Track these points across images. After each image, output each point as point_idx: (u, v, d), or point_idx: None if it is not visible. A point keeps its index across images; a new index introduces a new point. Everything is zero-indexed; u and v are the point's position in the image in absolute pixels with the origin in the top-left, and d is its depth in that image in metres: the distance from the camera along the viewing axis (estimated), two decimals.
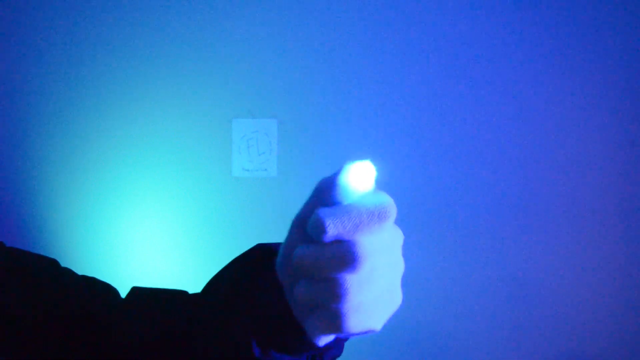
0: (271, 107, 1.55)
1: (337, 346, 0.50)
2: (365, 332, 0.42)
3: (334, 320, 0.40)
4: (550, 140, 1.57)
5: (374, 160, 0.43)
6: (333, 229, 0.39)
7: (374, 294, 0.41)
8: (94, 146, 1.56)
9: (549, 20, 1.55)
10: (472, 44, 1.56)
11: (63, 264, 0.64)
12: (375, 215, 0.40)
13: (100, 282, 0.63)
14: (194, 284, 0.61)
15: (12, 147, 1.57)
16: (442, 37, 1.55)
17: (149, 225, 1.57)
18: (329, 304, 0.40)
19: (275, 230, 1.12)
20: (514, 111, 1.56)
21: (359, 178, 0.41)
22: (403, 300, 0.46)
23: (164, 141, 1.56)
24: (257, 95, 1.55)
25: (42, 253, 0.63)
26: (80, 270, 0.64)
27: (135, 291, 0.61)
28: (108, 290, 0.62)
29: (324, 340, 0.44)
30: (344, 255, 0.39)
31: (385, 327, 0.41)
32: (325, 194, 0.41)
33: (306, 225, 0.41)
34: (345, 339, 0.49)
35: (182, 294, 0.59)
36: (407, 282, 1.59)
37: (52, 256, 0.63)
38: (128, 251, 1.56)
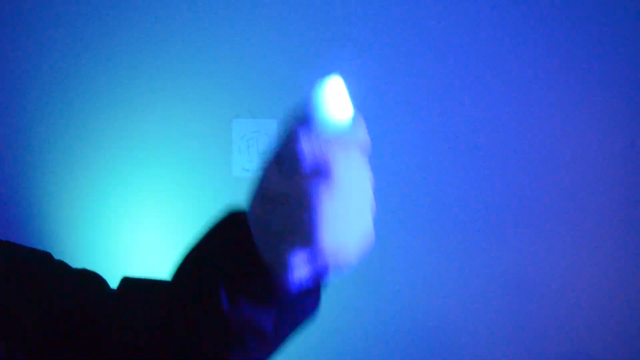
0: (271, 107, 1.55)
1: (309, 301, 0.50)
2: (340, 266, 0.44)
3: (307, 233, 0.42)
4: (549, 140, 1.56)
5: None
6: (309, 143, 0.42)
7: (344, 207, 0.42)
8: (93, 146, 1.56)
9: (549, 19, 1.55)
10: (471, 44, 1.56)
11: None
12: (352, 133, 0.44)
13: (92, 272, 0.63)
14: None
15: (12, 147, 1.57)
16: (442, 36, 1.55)
17: (149, 225, 1.57)
18: (302, 217, 0.42)
19: None
20: (514, 110, 1.56)
21: (333, 97, 0.44)
22: (403, 300, 0.47)
23: (164, 141, 1.56)
24: (257, 95, 1.55)
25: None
26: None
27: (126, 281, 0.61)
28: (100, 281, 0.62)
29: (299, 273, 0.45)
30: (321, 165, 0.42)
31: (384, 325, 0.41)
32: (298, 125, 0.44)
33: (279, 160, 0.45)
34: (319, 293, 0.50)
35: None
36: (408, 282, 1.59)
37: (54, 256, 0.63)
38: (128, 251, 1.56)
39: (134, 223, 1.57)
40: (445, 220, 1.56)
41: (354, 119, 0.45)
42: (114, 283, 0.62)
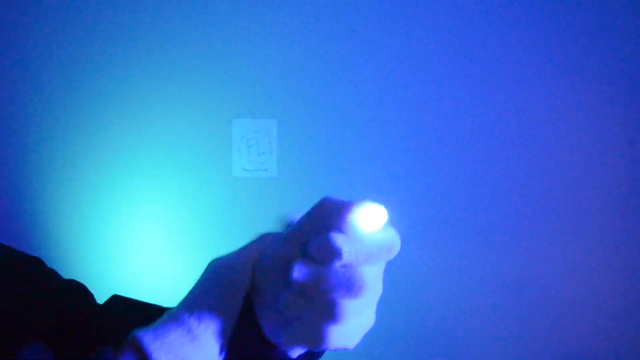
0: (271, 107, 1.55)
1: None
2: (338, 350, 0.43)
3: (317, 336, 0.41)
4: (550, 140, 1.57)
5: (382, 201, 0.42)
6: (347, 257, 0.39)
7: (361, 319, 0.42)
8: (94, 146, 1.56)
9: (549, 19, 1.55)
10: (472, 44, 1.56)
11: (63, 264, 0.64)
12: (385, 250, 0.40)
13: (79, 284, 0.62)
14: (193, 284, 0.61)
15: (11, 147, 1.57)
16: (442, 37, 1.55)
17: (149, 225, 1.57)
18: (317, 321, 0.40)
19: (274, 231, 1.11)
20: (514, 111, 1.56)
21: (370, 221, 0.40)
22: (404, 300, 0.47)
23: (164, 141, 1.56)
24: (257, 95, 1.55)
25: (43, 253, 0.63)
26: (79, 271, 0.64)
27: (115, 299, 0.60)
28: (87, 293, 0.62)
29: (297, 352, 0.44)
30: (352, 283, 0.39)
31: (385, 325, 0.41)
32: (330, 220, 0.41)
33: (303, 242, 0.41)
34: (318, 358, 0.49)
35: (159, 308, 0.58)
36: (409, 282, 1.59)
37: (53, 256, 0.63)
38: (128, 251, 1.56)
39: (135, 223, 1.57)
40: (446, 220, 1.56)
41: (387, 229, 0.41)
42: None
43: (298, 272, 0.40)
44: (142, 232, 1.56)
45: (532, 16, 1.55)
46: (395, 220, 0.42)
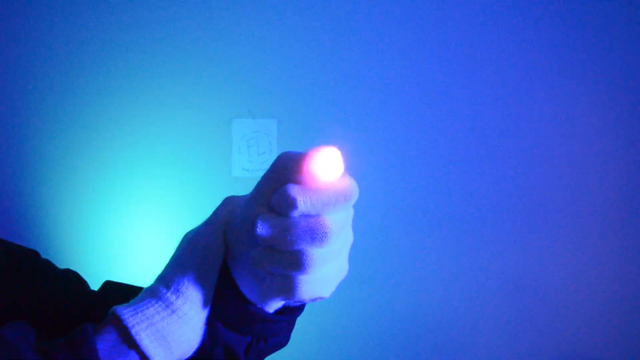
0: (271, 107, 1.55)
1: (282, 334, 0.50)
2: (314, 300, 0.44)
3: (288, 287, 0.42)
4: (550, 140, 1.57)
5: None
6: (303, 206, 0.40)
7: (331, 268, 0.43)
8: (94, 146, 1.56)
9: (549, 20, 1.55)
10: (472, 45, 1.56)
11: (63, 264, 0.64)
12: (342, 198, 0.41)
13: (74, 272, 0.63)
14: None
15: (12, 147, 1.57)
16: (442, 37, 1.56)
17: (149, 225, 1.57)
18: (288, 272, 0.42)
19: None
20: (514, 111, 1.57)
21: (327, 168, 0.42)
22: (404, 300, 0.47)
23: (164, 141, 1.56)
24: (257, 95, 1.55)
25: (43, 253, 0.63)
26: (79, 271, 0.64)
27: (108, 285, 0.61)
28: (81, 281, 0.63)
29: (274, 306, 0.46)
30: (315, 231, 0.41)
31: (386, 325, 0.41)
32: (289, 173, 0.42)
33: (267, 199, 0.43)
34: (292, 327, 0.51)
35: None
36: (409, 282, 1.59)
37: (53, 256, 0.63)
38: (128, 251, 1.56)
39: (135, 223, 1.57)
40: (447, 220, 1.56)
41: (344, 177, 0.43)
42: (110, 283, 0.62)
43: (261, 227, 0.42)
44: (142, 232, 1.56)
45: (532, 17, 1.55)
46: (395, 220, 0.42)
